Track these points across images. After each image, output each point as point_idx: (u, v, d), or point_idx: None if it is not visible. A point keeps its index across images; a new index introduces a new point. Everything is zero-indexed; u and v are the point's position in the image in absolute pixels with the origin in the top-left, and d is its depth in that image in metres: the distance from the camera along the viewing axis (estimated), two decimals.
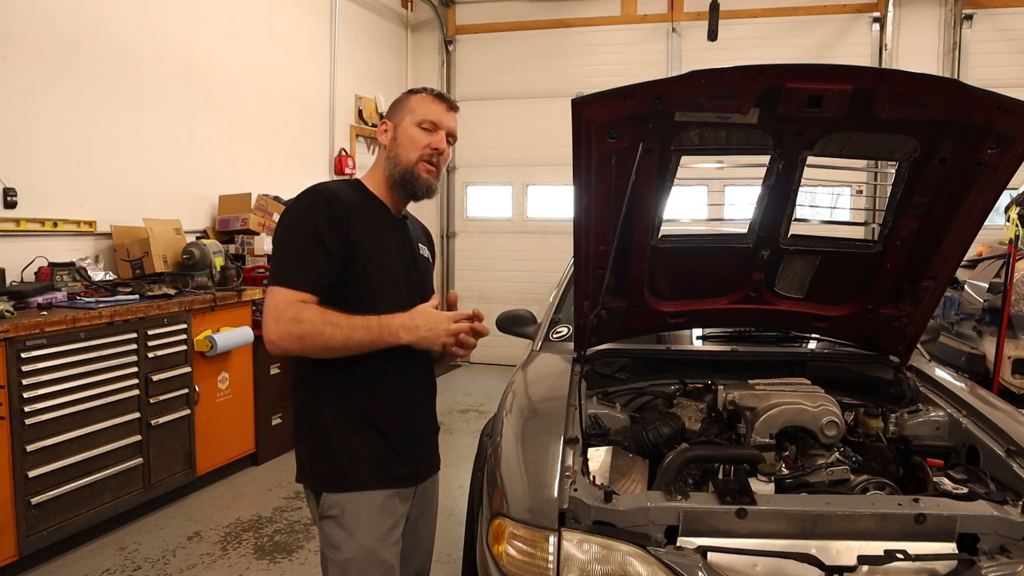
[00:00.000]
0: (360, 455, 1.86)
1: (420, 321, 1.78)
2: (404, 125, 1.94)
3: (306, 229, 1.79)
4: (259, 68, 6.17)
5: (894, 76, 2.08)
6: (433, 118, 1.94)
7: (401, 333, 1.77)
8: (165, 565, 3.60)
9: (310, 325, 1.71)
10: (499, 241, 8.76)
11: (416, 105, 1.95)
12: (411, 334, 1.77)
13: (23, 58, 4.11)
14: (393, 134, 1.96)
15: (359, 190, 1.96)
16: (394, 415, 1.91)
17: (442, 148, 1.94)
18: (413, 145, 1.92)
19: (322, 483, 1.88)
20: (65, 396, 3.55)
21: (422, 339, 1.79)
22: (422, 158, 1.92)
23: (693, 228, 3.22)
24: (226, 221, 5.50)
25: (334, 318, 1.74)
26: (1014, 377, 5.28)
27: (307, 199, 1.84)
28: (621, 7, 8.23)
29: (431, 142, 1.93)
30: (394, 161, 1.93)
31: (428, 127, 1.93)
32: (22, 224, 4.10)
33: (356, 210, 1.86)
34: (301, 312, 1.72)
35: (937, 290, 2.57)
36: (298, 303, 1.73)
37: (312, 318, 1.72)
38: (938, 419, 2.49)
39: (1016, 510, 1.80)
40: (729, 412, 2.39)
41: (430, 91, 1.99)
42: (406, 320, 1.78)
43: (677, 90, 2.07)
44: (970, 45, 7.25)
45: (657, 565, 1.70)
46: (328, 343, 1.73)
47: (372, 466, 1.87)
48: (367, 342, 1.76)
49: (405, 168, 1.92)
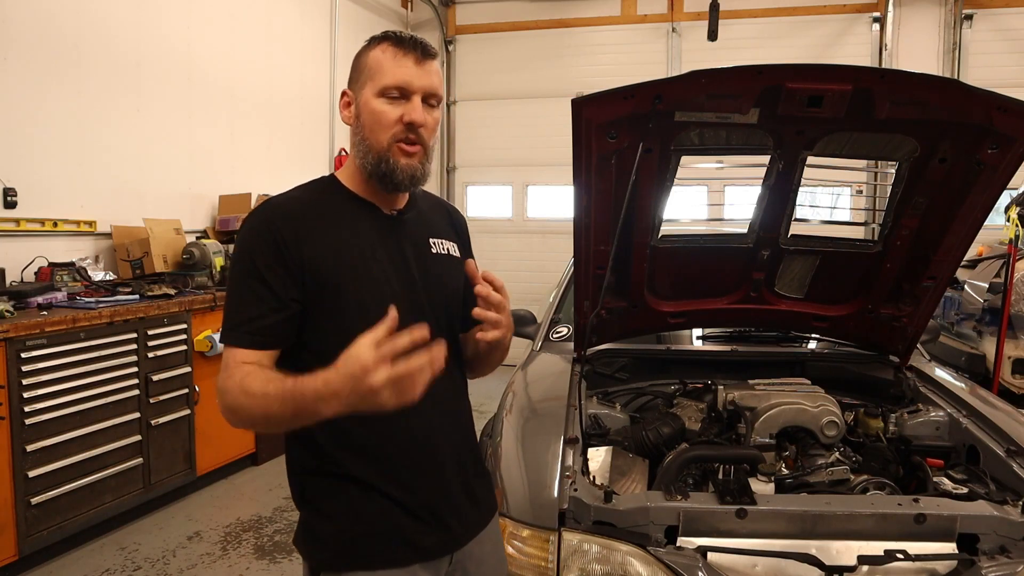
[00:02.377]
0: (375, 525, 1.43)
1: (338, 384, 1.17)
2: (364, 97, 1.43)
3: (245, 268, 1.39)
4: (259, 68, 6.16)
5: (894, 76, 2.08)
6: (399, 81, 1.40)
7: (320, 407, 1.21)
8: (165, 565, 3.60)
9: (231, 397, 1.31)
10: (499, 241, 8.75)
11: (375, 65, 1.42)
12: (332, 405, 1.19)
13: (23, 58, 4.11)
14: (356, 112, 1.46)
15: (327, 191, 1.51)
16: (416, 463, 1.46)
17: (419, 120, 1.41)
18: (379, 124, 1.42)
19: (321, 560, 1.45)
20: (65, 396, 3.54)
21: (354, 408, 1.19)
22: (395, 138, 1.42)
23: (693, 228, 3.22)
24: (226, 221, 5.50)
25: (252, 385, 1.28)
26: (1014, 377, 5.28)
27: (249, 224, 1.43)
28: (621, 7, 8.23)
29: (403, 114, 1.41)
30: (363, 147, 1.44)
31: (396, 94, 1.41)
32: (22, 224, 4.10)
33: (316, 224, 1.42)
34: (226, 380, 1.32)
35: (937, 290, 2.57)
36: (237, 367, 1.33)
37: (231, 387, 1.31)
38: (938, 419, 2.49)
39: (1016, 510, 1.80)
40: (729, 412, 2.39)
41: (391, 39, 1.44)
42: (320, 388, 1.19)
43: (677, 90, 2.07)
44: (970, 45, 7.25)
45: (657, 565, 1.70)
46: (251, 417, 1.31)
47: (391, 537, 1.43)
48: (289, 416, 1.26)
49: (377, 155, 1.43)
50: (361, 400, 1.17)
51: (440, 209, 1.68)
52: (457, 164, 8.79)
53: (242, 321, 1.37)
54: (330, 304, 1.40)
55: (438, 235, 1.59)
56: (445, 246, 1.59)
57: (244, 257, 1.40)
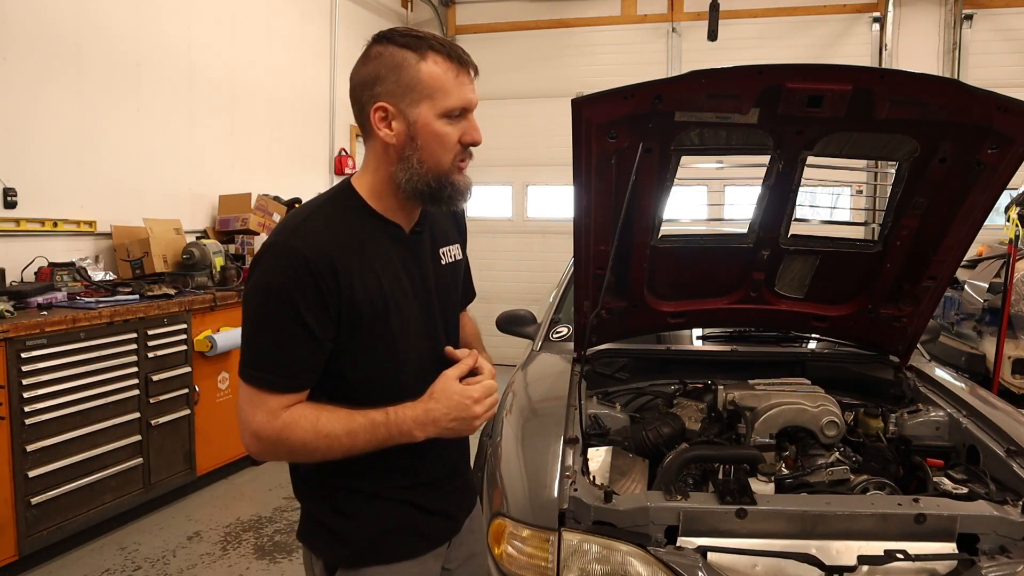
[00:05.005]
0: (393, 524, 1.48)
1: (438, 413, 1.36)
2: (423, 118, 1.34)
3: (280, 306, 1.31)
4: (259, 68, 6.16)
5: (894, 76, 2.08)
6: (465, 103, 1.36)
7: (416, 432, 1.36)
8: (165, 565, 3.60)
9: (300, 444, 1.33)
10: (499, 241, 8.74)
11: (434, 83, 1.33)
12: (429, 429, 1.36)
13: (23, 58, 4.11)
14: (406, 131, 1.35)
15: (354, 210, 1.42)
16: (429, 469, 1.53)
17: (480, 138, 1.40)
18: (443, 147, 1.36)
19: (341, 557, 1.48)
20: (65, 396, 3.55)
21: (446, 431, 1.38)
22: (457, 158, 1.38)
23: (693, 228, 3.22)
24: (226, 221, 5.50)
25: (328, 427, 1.33)
26: (1014, 377, 5.28)
27: (277, 258, 1.33)
28: (621, 7, 8.23)
29: (464, 135, 1.37)
30: (414, 169, 1.37)
31: (457, 115, 1.36)
32: (22, 224, 4.10)
33: (350, 254, 1.36)
34: (285, 429, 1.33)
35: (937, 290, 2.57)
36: (281, 414, 1.33)
37: (301, 436, 1.33)
38: (938, 419, 2.48)
39: (1016, 510, 1.80)
40: (729, 412, 2.39)
41: (444, 50, 1.34)
42: (420, 416, 1.36)
43: (677, 90, 2.07)
44: (970, 45, 7.25)
45: (657, 565, 1.70)
46: (325, 457, 1.36)
47: (407, 533, 1.50)
48: (375, 445, 1.36)
49: (438, 176, 1.38)
50: (460, 424, 1.38)
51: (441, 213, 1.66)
52: None
53: (280, 365, 1.34)
54: (362, 337, 1.39)
55: (445, 242, 1.59)
56: (452, 252, 1.60)
57: (278, 294, 1.32)
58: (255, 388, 1.34)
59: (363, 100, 1.38)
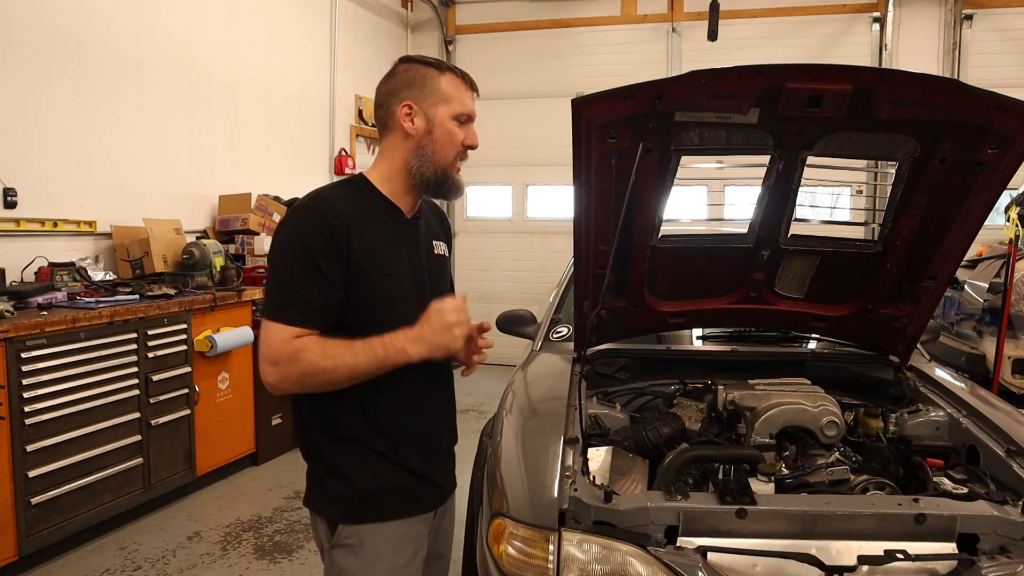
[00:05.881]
0: (386, 483, 1.69)
1: (425, 330, 1.58)
2: (440, 117, 1.67)
3: (299, 253, 1.58)
4: (259, 68, 6.17)
5: (894, 76, 2.08)
6: (470, 111, 1.70)
7: (409, 348, 1.56)
8: (165, 565, 3.60)
9: (309, 364, 1.54)
10: (499, 241, 8.75)
11: (449, 91, 1.68)
12: (419, 346, 1.57)
13: (23, 58, 4.11)
14: (426, 124, 1.67)
15: (365, 192, 1.72)
16: (418, 435, 1.75)
17: (477, 144, 1.74)
18: (451, 143, 1.69)
19: (339, 513, 1.69)
20: (65, 396, 3.55)
21: (433, 346, 1.58)
22: (458, 157, 1.72)
23: (693, 228, 3.22)
24: (226, 221, 5.50)
25: (333, 350, 1.55)
26: (1014, 377, 5.28)
27: (300, 215, 1.63)
28: (621, 7, 8.23)
29: (466, 139, 1.71)
30: (427, 159, 1.68)
31: (464, 120, 1.70)
32: (22, 224, 4.10)
33: (359, 220, 1.63)
34: (297, 352, 1.54)
35: (937, 290, 2.56)
36: (293, 341, 1.55)
37: (310, 357, 1.54)
38: (938, 419, 2.48)
39: (1016, 510, 1.79)
40: (729, 412, 2.39)
41: (457, 71, 1.71)
42: (412, 333, 1.57)
43: (677, 90, 2.06)
44: (970, 45, 7.25)
45: (657, 565, 1.70)
46: (332, 379, 1.56)
47: (399, 493, 1.70)
48: (374, 367, 1.57)
49: (440, 169, 1.69)
50: (442, 335, 1.57)
51: (435, 214, 1.95)
52: None
53: (297, 302, 1.57)
54: (363, 290, 1.63)
55: (436, 238, 1.87)
56: (441, 248, 1.88)
57: (299, 244, 1.58)
58: (275, 322, 1.57)
59: (389, 102, 1.70)
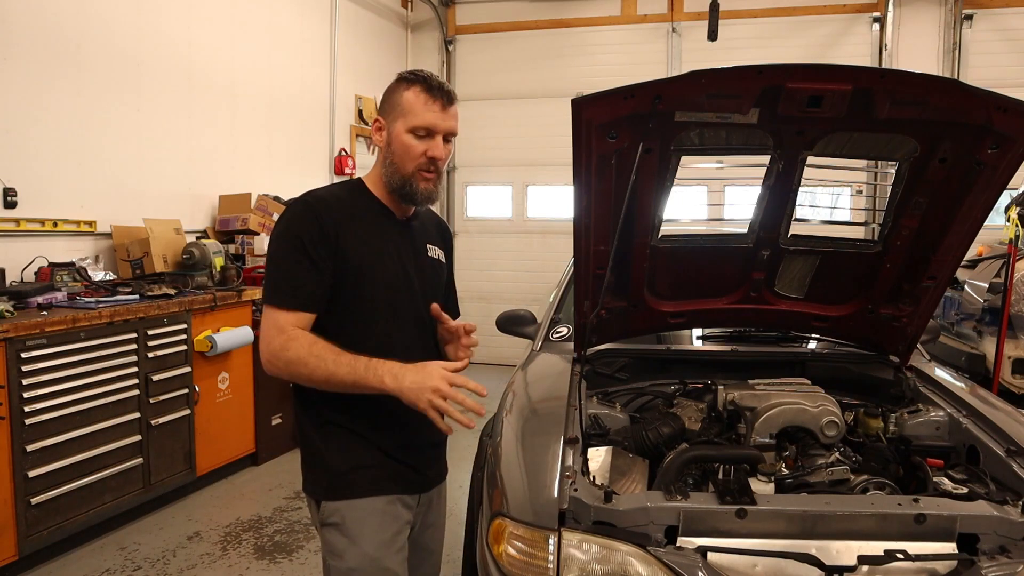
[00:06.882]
0: (359, 464, 1.80)
1: (410, 375, 1.61)
2: (396, 131, 1.77)
3: (291, 242, 1.70)
4: (259, 68, 6.16)
5: (894, 76, 2.08)
6: (427, 124, 1.75)
7: (386, 379, 1.62)
8: (165, 565, 3.60)
9: (295, 354, 1.64)
10: (499, 241, 8.75)
11: (408, 105, 1.75)
12: (395, 382, 1.61)
13: (23, 58, 4.11)
14: (386, 138, 1.80)
15: (358, 192, 1.85)
16: (395, 424, 1.81)
17: (439, 156, 1.77)
18: (407, 155, 1.76)
19: (321, 491, 1.81)
20: (65, 396, 3.55)
21: (406, 391, 1.60)
22: (418, 168, 1.77)
23: (693, 228, 3.22)
24: (226, 221, 5.50)
25: (321, 351, 1.64)
26: (1014, 377, 5.28)
27: (292, 210, 1.76)
28: (621, 7, 8.23)
29: (427, 150, 1.76)
30: (391, 168, 1.80)
31: (423, 134, 1.76)
32: (22, 224, 4.10)
33: (349, 216, 1.76)
34: (290, 340, 1.65)
35: (937, 290, 2.56)
36: (289, 327, 1.67)
37: (298, 348, 1.64)
38: (938, 419, 2.48)
39: (1016, 510, 1.79)
40: (729, 412, 2.39)
41: (423, 83, 1.76)
42: (396, 368, 1.63)
43: (677, 90, 2.06)
44: (970, 45, 7.25)
45: (657, 565, 1.70)
46: (311, 375, 1.65)
47: (372, 472, 1.80)
48: (350, 382, 1.64)
49: (402, 177, 1.78)
50: (412, 394, 1.59)
51: (434, 222, 2.05)
52: (457, 164, 8.79)
53: (290, 287, 1.70)
54: (352, 284, 1.74)
55: (431, 242, 1.97)
56: (436, 252, 1.98)
57: (291, 236, 1.71)
58: (271, 307, 1.70)
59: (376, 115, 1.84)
